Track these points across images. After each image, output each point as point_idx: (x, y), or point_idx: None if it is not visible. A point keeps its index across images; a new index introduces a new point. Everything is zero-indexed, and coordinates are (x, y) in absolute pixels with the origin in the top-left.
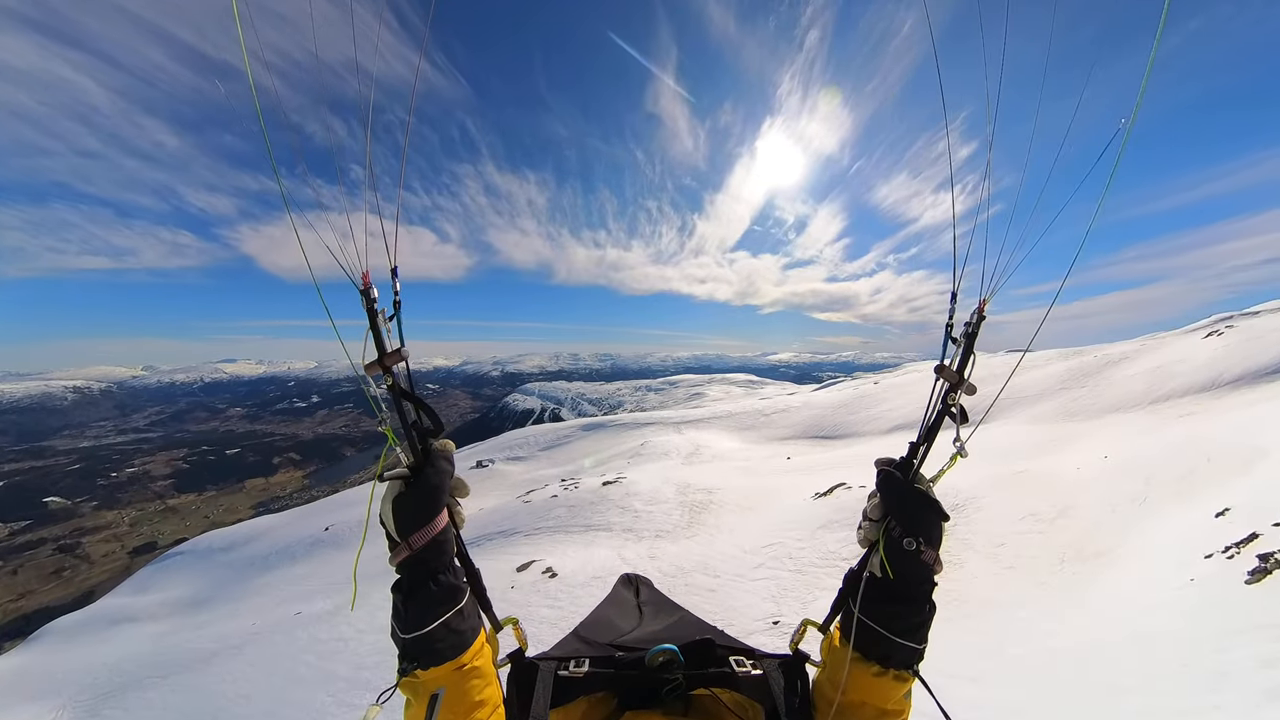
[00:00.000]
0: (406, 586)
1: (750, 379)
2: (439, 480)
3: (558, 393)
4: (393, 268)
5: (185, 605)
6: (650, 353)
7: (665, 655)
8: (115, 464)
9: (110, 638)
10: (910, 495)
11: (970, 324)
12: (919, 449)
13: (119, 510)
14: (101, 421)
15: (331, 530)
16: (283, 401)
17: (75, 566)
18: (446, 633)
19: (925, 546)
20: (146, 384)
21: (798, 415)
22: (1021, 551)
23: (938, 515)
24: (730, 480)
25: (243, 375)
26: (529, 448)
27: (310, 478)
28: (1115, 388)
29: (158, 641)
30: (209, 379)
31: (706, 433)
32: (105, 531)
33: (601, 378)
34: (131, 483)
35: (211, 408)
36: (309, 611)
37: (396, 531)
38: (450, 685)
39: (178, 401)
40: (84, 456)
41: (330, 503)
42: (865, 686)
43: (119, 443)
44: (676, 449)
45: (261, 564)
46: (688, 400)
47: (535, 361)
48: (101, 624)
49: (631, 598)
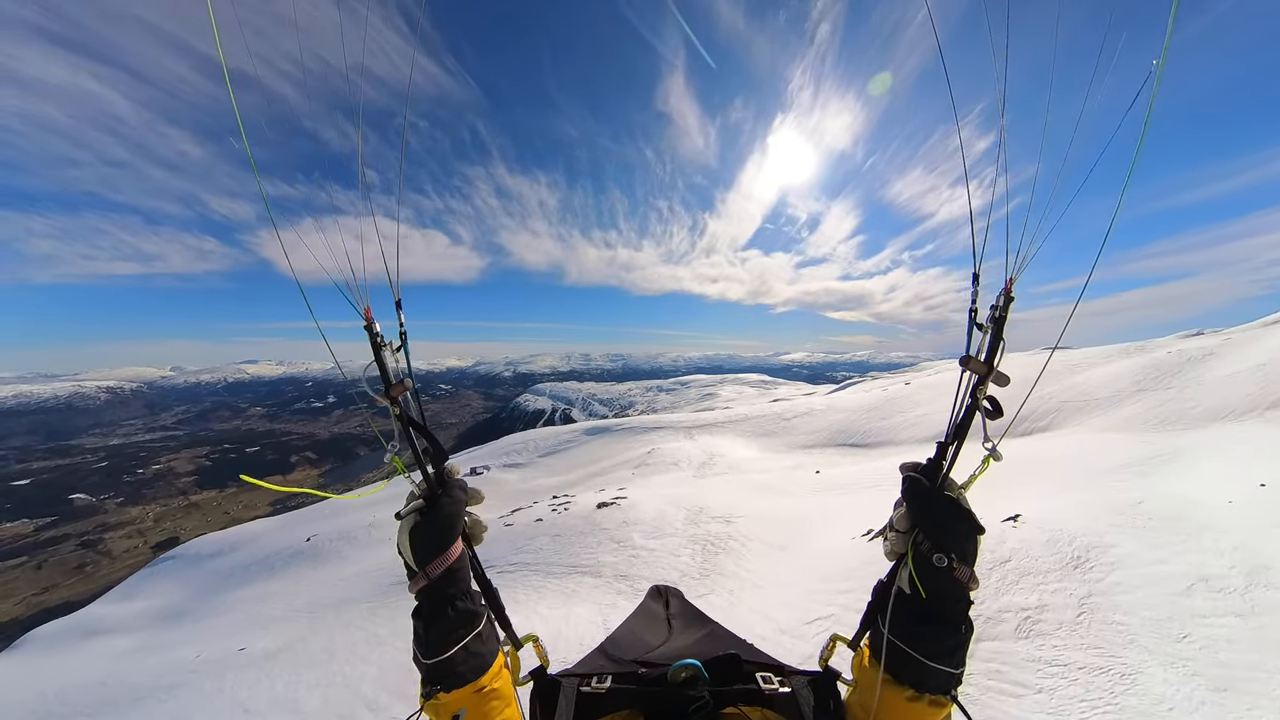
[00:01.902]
0: (427, 613)
1: (763, 379)
2: (454, 509)
3: (569, 393)
4: (397, 300)
5: (160, 618)
6: (662, 353)
7: (688, 671)
8: (142, 461)
9: (76, 654)
10: (939, 505)
11: (997, 307)
12: (948, 450)
13: (143, 506)
14: (131, 420)
15: (312, 542)
16: (300, 401)
17: (97, 562)
18: (466, 655)
19: (958, 563)
20: (174, 384)
21: (822, 420)
22: (1219, 650)
23: (971, 528)
24: (751, 502)
25: (263, 376)
26: (527, 453)
27: (325, 476)
28: (1212, 390)
29: (113, 665)
30: (232, 379)
31: (720, 439)
32: (129, 527)
33: (613, 378)
34: (156, 479)
35: (234, 407)
36: (253, 649)
37: (415, 562)
38: (471, 707)
39: (203, 401)
40: (111, 454)
41: (319, 510)
42: (899, 711)
43: (146, 441)
44: (687, 458)
45: (241, 575)
46: (700, 400)
47: (547, 362)
48: (76, 635)
49: (661, 610)
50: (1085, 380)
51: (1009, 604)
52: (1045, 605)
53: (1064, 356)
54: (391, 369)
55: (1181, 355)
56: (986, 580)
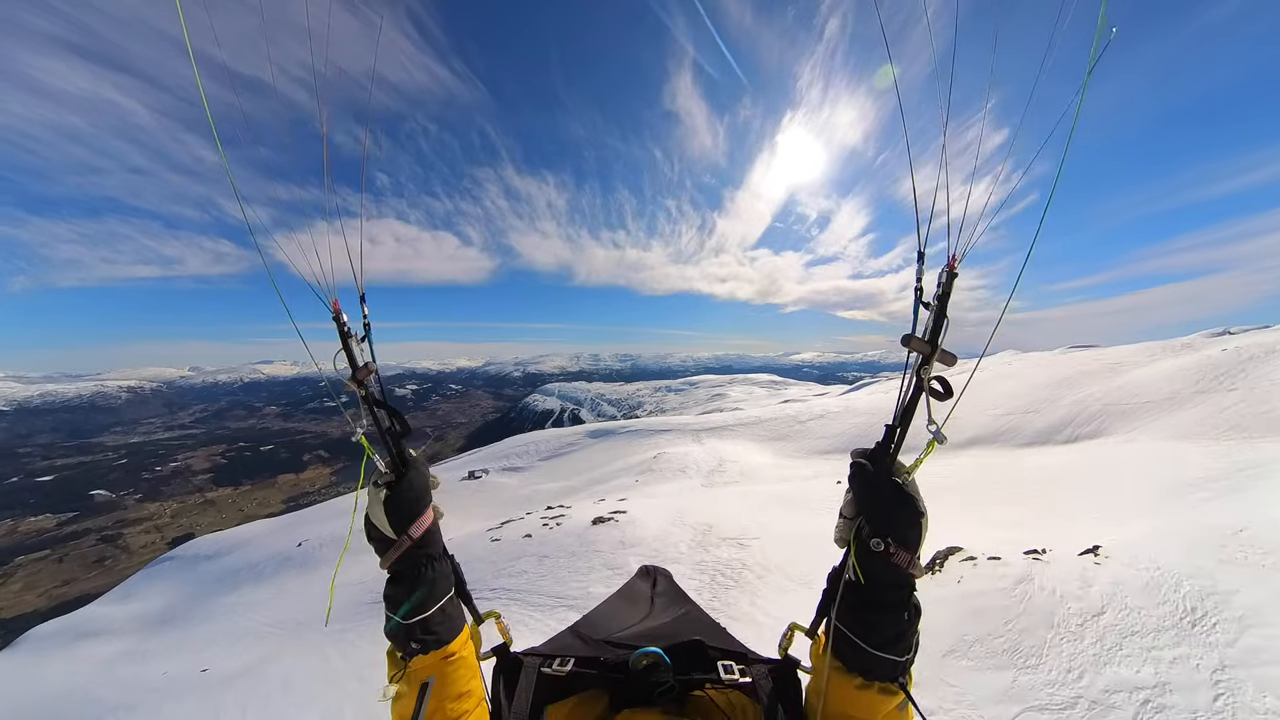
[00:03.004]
0: (408, 576)
1: (773, 379)
2: (420, 481)
3: (577, 393)
4: (361, 294)
5: (149, 622)
6: (671, 353)
7: (650, 659)
8: (160, 459)
9: (60, 659)
10: (882, 490)
11: (939, 285)
12: (894, 434)
13: (161, 503)
14: (151, 419)
15: (303, 547)
16: (314, 401)
17: (115, 556)
18: (443, 617)
19: (896, 547)
20: (193, 384)
21: (839, 423)
22: None
23: (912, 513)
24: (767, 519)
25: (278, 376)
26: (528, 457)
27: (337, 474)
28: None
29: (86, 677)
30: (248, 379)
31: (731, 443)
32: (147, 523)
33: (621, 378)
34: (174, 476)
35: (250, 406)
36: (215, 670)
37: (394, 529)
38: (438, 675)
39: (220, 400)
40: (131, 452)
41: (316, 512)
42: (849, 699)
43: (165, 439)
44: (696, 463)
45: (230, 580)
46: (709, 401)
47: (556, 362)
48: (68, 637)
49: (647, 589)
50: (1131, 381)
51: (1118, 680)
52: (1167, 683)
53: (1099, 354)
54: (361, 359)
55: (1240, 353)
56: (1079, 643)
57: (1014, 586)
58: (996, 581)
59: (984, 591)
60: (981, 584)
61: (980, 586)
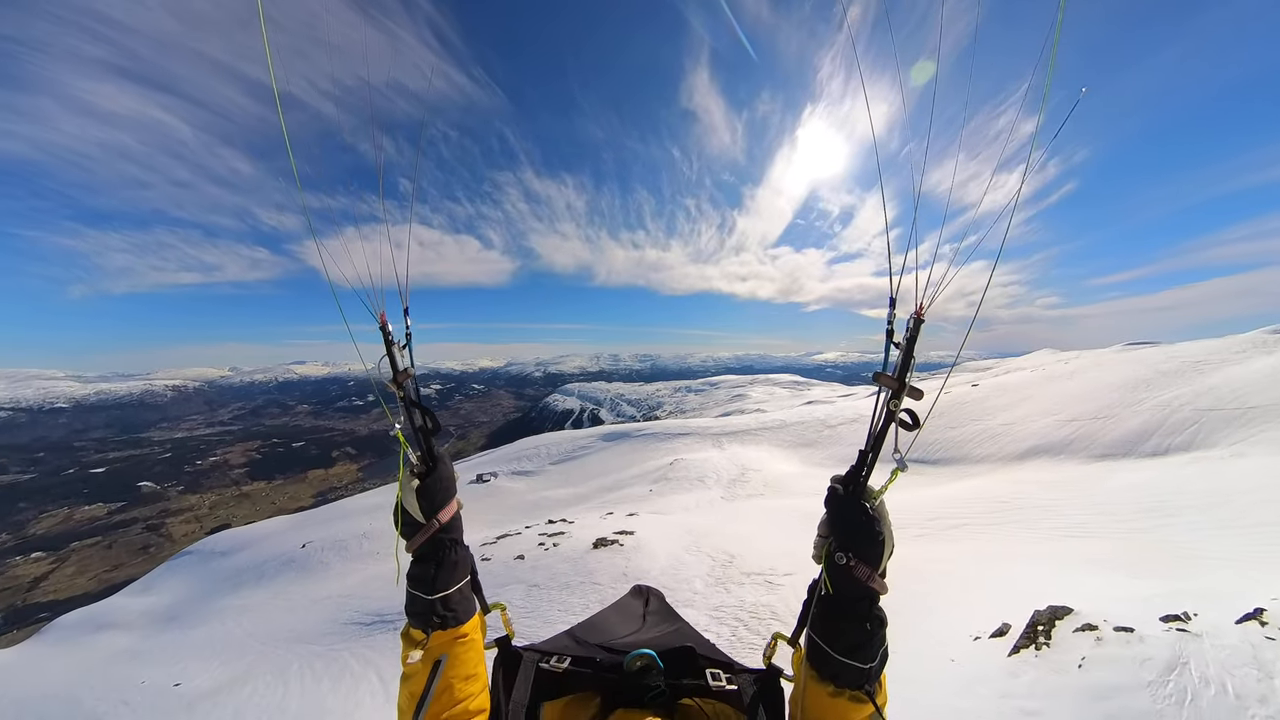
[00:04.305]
0: (433, 557)
1: (796, 380)
2: (448, 473)
3: (597, 393)
4: (404, 307)
5: (156, 619)
6: (691, 353)
7: (643, 660)
8: (201, 453)
9: (70, 651)
10: (846, 510)
11: (908, 329)
12: (865, 458)
13: (201, 495)
14: (194, 416)
15: (307, 548)
16: (343, 400)
17: (159, 544)
18: (461, 598)
19: (857, 561)
20: (232, 383)
21: None
22: None
23: (873, 533)
24: (800, 548)
25: (310, 376)
26: (539, 460)
27: (363, 471)
28: None
29: (81, 675)
30: (282, 379)
31: (754, 448)
32: (188, 513)
33: (641, 378)
34: (213, 470)
35: (284, 404)
36: (188, 686)
37: (424, 514)
38: (451, 655)
39: (256, 399)
40: (175, 447)
41: (325, 513)
42: (823, 707)
43: (205, 434)
44: (715, 471)
45: (235, 580)
46: (729, 402)
47: (576, 362)
48: (87, 629)
49: (639, 607)
50: (1224, 382)
51: None
52: None
53: (1169, 351)
54: (402, 364)
55: None
56: None
57: (1164, 677)
58: (1138, 670)
59: (1123, 686)
60: (1117, 673)
61: (1115, 678)
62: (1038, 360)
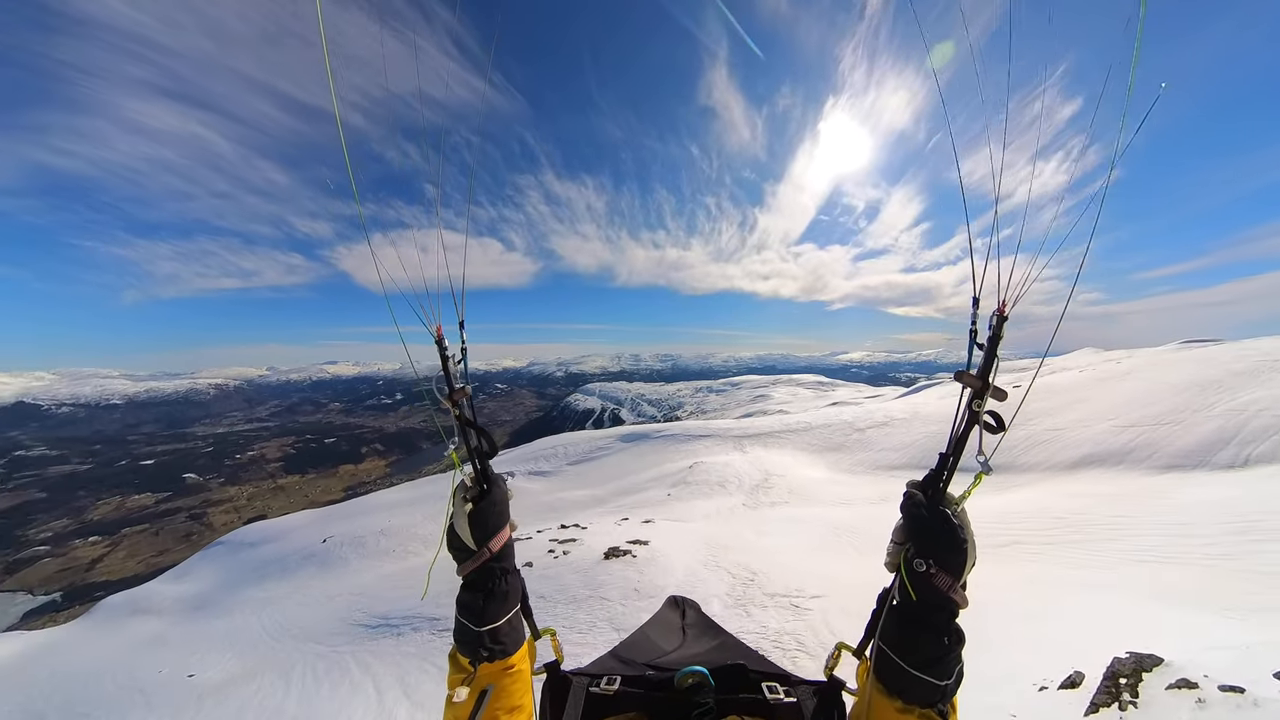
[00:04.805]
0: (483, 586)
1: (820, 380)
2: (502, 497)
3: (618, 393)
4: (460, 321)
5: (186, 606)
6: (712, 353)
7: (695, 678)
8: (240, 448)
9: (108, 632)
10: (926, 516)
11: (991, 327)
12: (946, 462)
13: (239, 486)
14: (234, 413)
15: (328, 543)
16: (373, 398)
17: (201, 532)
18: (509, 629)
19: (938, 569)
20: (269, 382)
21: (905, 432)
22: None
23: (955, 540)
24: (831, 567)
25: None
26: (557, 460)
27: (391, 467)
28: None
29: (106, 660)
30: (316, 378)
31: (778, 452)
32: (227, 504)
33: (662, 378)
34: (251, 464)
35: (317, 402)
36: (200, 678)
37: (474, 541)
38: (498, 684)
39: (291, 397)
40: (216, 441)
41: (347, 509)
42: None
43: (244, 430)
44: (737, 476)
45: (260, 572)
46: (751, 402)
47: (597, 362)
48: (126, 612)
49: (677, 619)
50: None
51: None
52: None
53: (1239, 349)
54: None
55: None
56: None
57: None
58: None
59: None
60: None
61: None
62: (1083, 359)
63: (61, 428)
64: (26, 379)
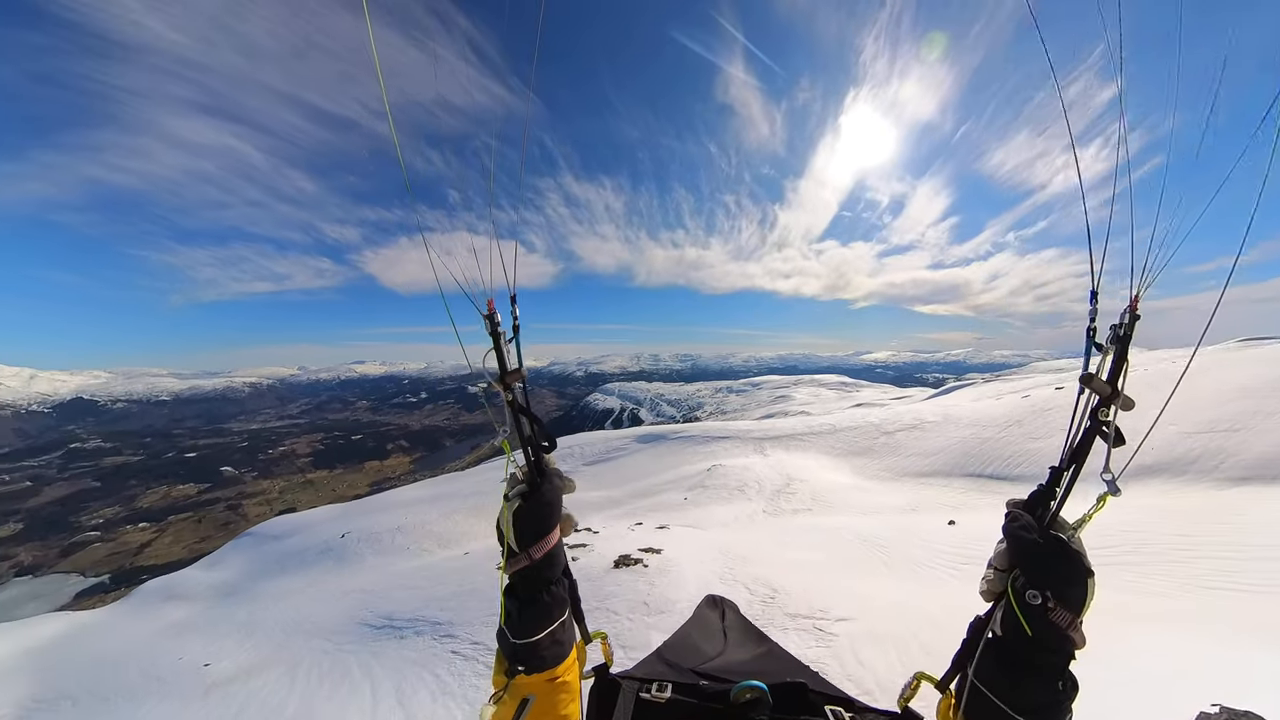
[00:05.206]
0: (523, 595)
1: (843, 380)
2: (553, 496)
3: (637, 393)
4: (512, 295)
5: (215, 594)
6: (733, 353)
7: (753, 693)
8: (272, 443)
9: (142, 617)
10: (1039, 541)
11: (1120, 325)
12: (1062, 477)
13: (272, 480)
14: (267, 410)
15: (345, 538)
16: (398, 397)
17: (237, 522)
18: (551, 642)
19: (1055, 603)
20: (300, 381)
21: (939, 436)
22: None
23: (1075, 570)
24: (859, 583)
25: (369, 374)
26: (574, 460)
27: (416, 463)
28: None
29: (137, 645)
30: (344, 377)
31: (800, 455)
32: (260, 496)
33: (681, 378)
34: (282, 459)
35: (345, 400)
36: (215, 668)
37: (516, 543)
38: (541, 694)
39: (321, 395)
40: (251, 437)
41: (366, 504)
42: None
43: (277, 427)
44: (756, 481)
45: (281, 565)
46: (772, 403)
47: (617, 362)
48: (161, 597)
49: (717, 620)
50: None
51: None
52: None
53: None
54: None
55: None
56: None
57: None
58: None
59: None
60: None
61: None
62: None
63: (116, 422)
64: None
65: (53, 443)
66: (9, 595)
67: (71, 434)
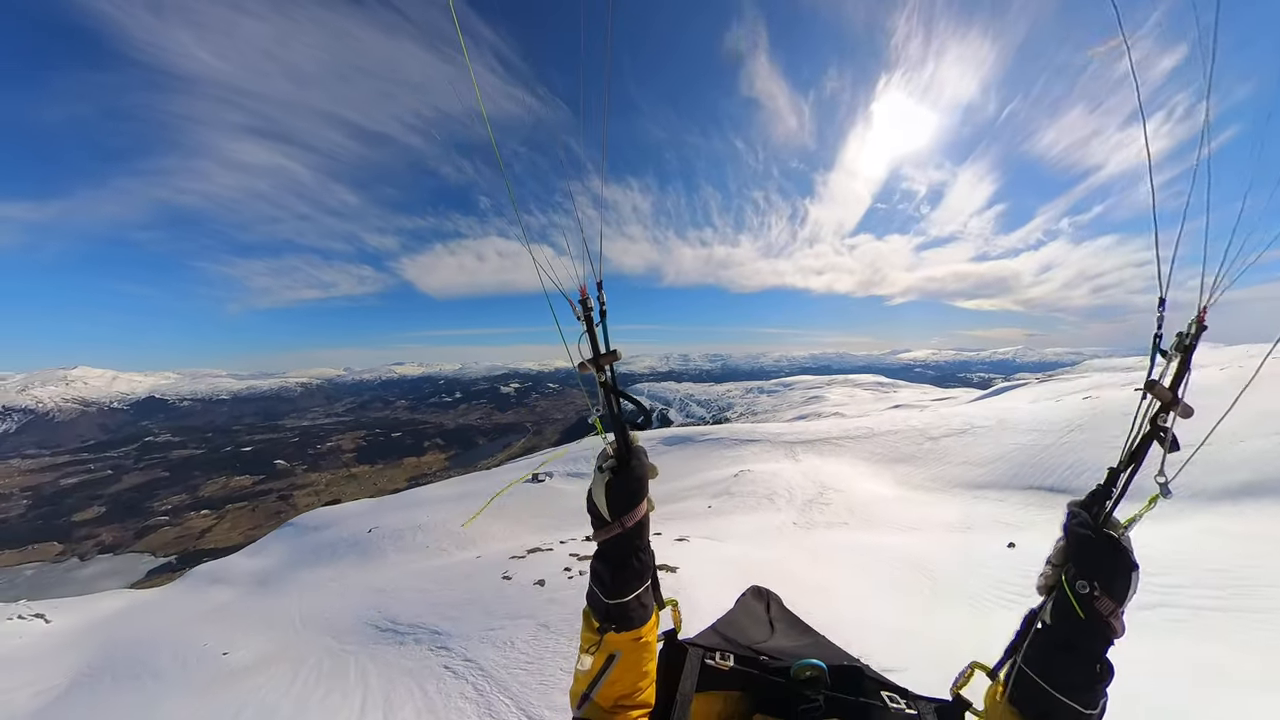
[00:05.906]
0: (614, 560)
1: (879, 380)
2: (642, 471)
3: (666, 393)
4: (598, 281)
5: (253, 581)
6: (764, 352)
7: (813, 671)
8: (320, 440)
9: (188, 598)
10: (1092, 537)
11: (1186, 334)
12: (1118, 478)
13: (320, 473)
14: (316, 408)
15: (373, 533)
16: (434, 397)
17: (287, 512)
18: (638, 605)
19: (1101, 592)
20: (345, 381)
21: (991, 443)
22: None
23: (1121, 564)
24: (904, 619)
25: (408, 375)
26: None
27: (450, 460)
28: None
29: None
30: (385, 378)
31: (835, 461)
32: (309, 488)
33: (711, 379)
34: (329, 454)
35: (386, 400)
36: (234, 658)
37: (609, 513)
38: (626, 652)
39: (364, 395)
40: (301, 433)
41: (399, 499)
42: None
43: (325, 424)
44: (787, 488)
45: (314, 556)
46: (805, 404)
47: (646, 363)
48: (208, 580)
49: (762, 610)
50: None
51: None
52: None
53: None
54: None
55: None
56: None
57: None
58: None
59: None
60: None
61: None
62: (1207, 357)
63: (183, 418)
64: (156, 378)
65: (130, 436)
66: (93, 570)
67: (145, 429)
